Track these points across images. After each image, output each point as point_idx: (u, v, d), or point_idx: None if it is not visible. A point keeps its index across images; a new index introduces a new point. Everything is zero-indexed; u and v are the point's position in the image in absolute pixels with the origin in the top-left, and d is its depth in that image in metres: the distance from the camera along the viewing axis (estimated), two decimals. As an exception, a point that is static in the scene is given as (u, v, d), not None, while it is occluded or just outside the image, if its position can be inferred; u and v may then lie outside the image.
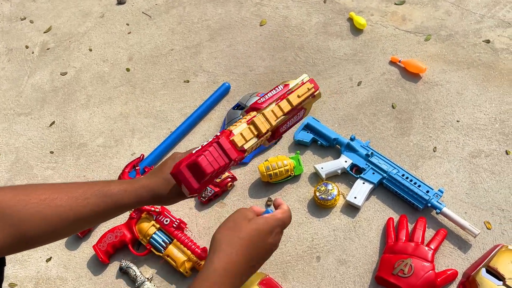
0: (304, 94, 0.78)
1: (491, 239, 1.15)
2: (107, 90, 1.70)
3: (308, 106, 0.83)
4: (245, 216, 0.66)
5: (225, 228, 0.65)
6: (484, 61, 1.49)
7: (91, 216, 0.70)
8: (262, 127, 0.74)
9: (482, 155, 1.29)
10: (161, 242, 1.23)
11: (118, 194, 0.71)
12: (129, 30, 1.90)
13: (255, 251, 0.64)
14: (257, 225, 0.65)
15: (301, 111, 0.82)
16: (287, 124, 0.80)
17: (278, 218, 0.67)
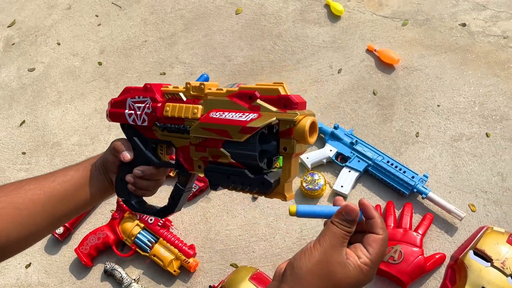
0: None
1: (476, 221, 1.17)
2: (79, 85, 1.63)
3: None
4: (341, 263, 0.50)
5: (313, 273, 0.49)
6: (461, 45, 1.50)
7: (61, 192, 0.68)
8: (192, 83, 0.61)
9: (464, 138, 1.31)
10: (147, 241, 1.20)
11: (78, 165, 0.71)
12: (99, 21, 1.82)
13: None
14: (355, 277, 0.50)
15: (250, 114, 0.55)
16: (221, 114, 0.57)
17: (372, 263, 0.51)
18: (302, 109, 0.54)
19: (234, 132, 0.54)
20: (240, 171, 0.56)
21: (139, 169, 0.66)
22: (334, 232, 0.50)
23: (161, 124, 0.63)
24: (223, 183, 0.58)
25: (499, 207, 1.18)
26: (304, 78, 1.51)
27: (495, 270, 1.03)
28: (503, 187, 1.21)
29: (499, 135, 1.30)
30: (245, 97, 0.56)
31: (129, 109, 0.66)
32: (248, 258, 1.19)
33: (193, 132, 0.59)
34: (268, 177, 0.54)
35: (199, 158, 0.60)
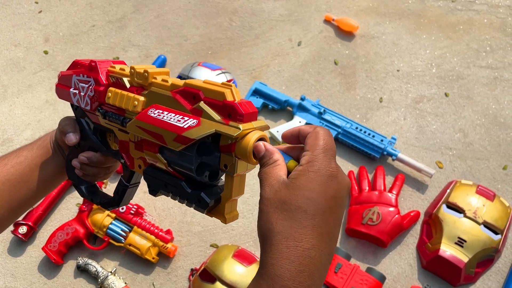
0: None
1: (444, 177, 1.21)
2: (25, 77, 1.52)
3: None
4: (281, 183, 0.41)
5: (273, 213, 0.41)
6: (413, 11, 1.54)
7: (16, 175, 0.63)
8: (138, 66, 0.53)
9: (425, 100, 1.35)
10: (120, 231, 1.14)
11: (31, 144, 0.67)
12: (40, 8, 1.70)
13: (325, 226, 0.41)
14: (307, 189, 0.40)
15: (189, 120, 0.46)
16: (160, 113, 0.49)
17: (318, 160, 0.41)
18: (249, 121, 0.44)
19: (169, 139, 0.46)
20: (177, 182, 0.48)
21: (85, 155, 0.60)
22: (261, 177, 0.43)
23: (103, 110, 0.56)
24: (161, 189, 0.50)
25: (464, 161, 1.23)
26: (265, 53, 1.49)
27: (468, 220, 1.07)
28: (466, 142, 1.26)
29: (457, 93, 1.35)
30: (189, 96, 0.47)
31: (74, 87, 0.59)
32: (228, 237, 1.17)
33: (129, 129, 0.51)
34: (204, 195, 0.46)
35: (138, 157, 0.53)
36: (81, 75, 0.58)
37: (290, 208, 0.39)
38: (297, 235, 0.38)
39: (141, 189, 1.25)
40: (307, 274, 0.38)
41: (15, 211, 0.65)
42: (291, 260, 0.38)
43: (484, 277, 1.08)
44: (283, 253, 0.38)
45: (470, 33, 1.47)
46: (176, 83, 0.49)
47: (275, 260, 0.38)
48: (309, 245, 0.39)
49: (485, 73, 1.38)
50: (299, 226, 0.39)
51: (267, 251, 0.39)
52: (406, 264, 1.11)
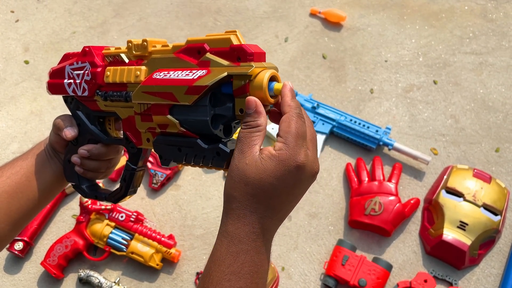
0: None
1: (440, 163, 1.23)
2: (7, 89, 1.47)
3: None
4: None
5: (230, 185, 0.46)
6: (395, 1, 1.56)
7: (13, 186, 0.61)
8: (134, 40, 0.52)
9: (414, 88, 1.37)
10: (121, 240, 1.12)
11: (25, 153, 0.65)
12: (16, 17, 1.65)
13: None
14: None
15: (198, 71, 0.46)
16: (166, 74, 0.48)
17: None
18: (259, 61, 0.44)
19: (179, 94, 0.45)
20: (192, 141, 0.47)
21: (85, 148, 0.59)
22: (239, 138, 0.45)
23: (102, 92, 0.55)
24: (174, 157, 0.49)
25: (457, 146, 1.25)
26: (252, 51, 1.49)
27: (468, 203, 1.09)
28: (458, 127, 1.29)
29: (445, 80, 1.37)
30: (194, 52, 0.47)
31: (68, 77, 0.58)
32: (231, 238, 1.16)
33: (135, 98, 0.50)
34: (223, 146, 0.45)
35: (146, 129, 0.52)
36: (74, 63, 0.57)
37: (254, 185, 0.44)
38: (253, 207, 0.44)
39: (138, 196, 1.23)
40: (259, 235, 0.45)
41: (16, 224, 0.63)
42: (245, 223, 0.44)
43: (487, 258, 1.10)
44: (239, 217, 0.45)
45: (453, 21, 1.49)
46: (177, 44, 0.49)
47: (233, 221, 0.45)
48: (261, 215, 0.45)
49: (471, 59, 1.41)
50: (257, 201, 0.44)
51: (228, 213, 0.45)
52: (410, 251, 1.12)
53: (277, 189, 0.44)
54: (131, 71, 0.51)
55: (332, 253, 1.09)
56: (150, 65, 0.51)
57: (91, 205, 1.13)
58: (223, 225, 0.46)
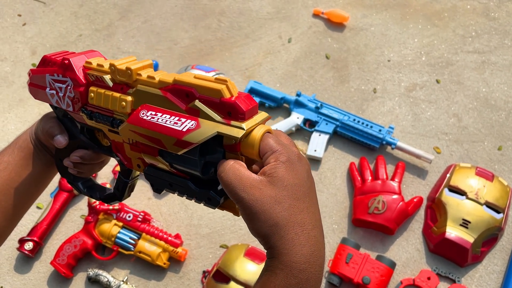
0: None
1: (443, 162, 1.24)
2: (15, 91, 1.49)
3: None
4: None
5: None
6: (398, 1, 1.57)
7: (2, 183, 0.60)
8: (119, 62, 0.49)
9: (417, 87, 1.38)
10: (129, 239, 1.14)
11: (9, 148, 0.63)
12: (23, 21, 1.67)
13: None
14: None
15: (187, 121, 0.43)
16: (153, 115, 0.45)
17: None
18: (251, 116, 0.43)
19: (168, 144, 0.43)
20: (183, 182, 0.46)
21: (77, 155, 0.57)
22: (228, 180, 0.42)
23: (88, 111, 0.52)
24: (166, 188, 0.48)
25: (460, 145, 1.26)
26: (256, 52, 1.50)
27: (471, 201, 1.10)
28: (460, 126, 1.30)
29: (448, 79, 1.38)
30: (182, 94, 0.44)
31: (50, 88, 0.54)
32: (237, 237, 1.18)
33: (122, 133, 0.48)
34: (214, 193, 0.45)
35: (136, 157, 0.50)
36: (55, 74, 0.53)
37: (284, 199, 0.41)
38: (299, 221, 0.41)
39: (145, 196, 1.25)
40: (317, 253, 0.41)
41: (12, 220, 0.64)
42: (302, 245, 0.40)
43: (490, 255, 1.11)
44: (294, 240, 0.40)
45: (455, 20, 1.50)
46: (164, 79, 0.46)
47: (288, 250, 0.40)
48: (310, 226, 0.41)
49: (473, 57, 1.42)
50: (297, 212, 0.41)
51: (277, 245, 0.41)
52: (413, 249, 1.13)
53: (301, 186, 0.42)
54: (116, 100, 0.49)
55: (336, 251, 1.11)
56: (136, 96, 0.48)
57: (99, 206, 1.16)
58: (275, 258, 0.41)
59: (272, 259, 0.41)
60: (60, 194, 1.23)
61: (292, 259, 0.40)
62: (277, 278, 0.40)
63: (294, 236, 0.40)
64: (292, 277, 0.40)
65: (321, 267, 0.42)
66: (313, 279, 0.41)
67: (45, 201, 1.25)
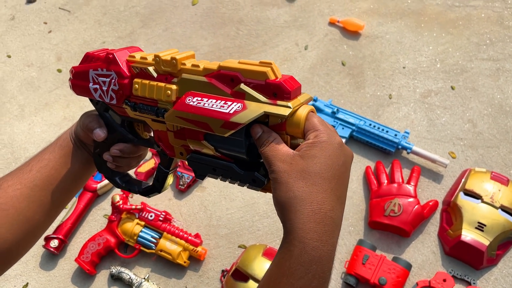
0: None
1: (458, 166, 1.26)
2: (41, 96, 1.55)
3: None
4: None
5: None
6: (413, 9, 1.60)
7: (43, 179, 0.62)
8: (163, 53, 0.51)
9: (432, 94, 1.40)
10: (150, 238, 1.18)
11: (51, 146, 0.65)
12: (49, 28, 1.74)
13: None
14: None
15: (233, 104, 0.45)
16: (199, 100, 0.47)
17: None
18: (296, 96, 0.44)
19: (215, 126, 0.45)
20: (228, 165, 0.48)
21: (117, 148, 0.60)
22: (267, 154, 0.45)
23: (132, 103, 0.54)
24: (209, 174, 0.50)
25: (475, 150, 1.28)
26: (273, 59, 1.54)
27: (486, 205, 1.12)
28: (475, 132, 1.31)
29: (463, 86, 1.40)
30: (227, 80, 0.46)
31: (93, 82, 0.56)
32: (255, 237, 1.21)
33: (168, 120, 0.49)
34: (259, 175, 0.47)
35: (180, 145, 0.52)
36: (99, 69, 0.55)
37: (310, 175, 0.42)
38: (319, 199, 0.42)
39: (166, 197, 1.29)
40: (330, 233, 0.42)
41: (50, 213, 0.66)
42: (317, 222, 0.42)
43: (505, 258, 1.12)
44: (309, 216, 0.42)
45: (470, 28, 1.53)
46: (208, 66, 0.47)
47: (303, 225, 0.41)
48: (330, 207, 0.42)
49: (487, 65, 1.44)
50: (320, 191, 0.42)
51: (292, 218, 0.42)
52: (429, 251, 1.15)
53: (332, 168, 0.43)
54: (161, 89, 0.50)
55: (353, 252, 1.13)
56: (180, 84, 0.49)
57: (122, 205, 1.20)
58: (290, 233, 0.43)
59: (287, 234, 0.43)
60: (84, 194, 1.28)
61: (305, 235, 0.41)
62: (292, 256, 0.42)
63: (311, 212, 0.42)
64: (305, 254, 0.41)
65: (333, 247, 0.43)
66: (325, 258, 0.42)
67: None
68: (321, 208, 0.42)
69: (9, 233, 0.60)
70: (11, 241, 0.61)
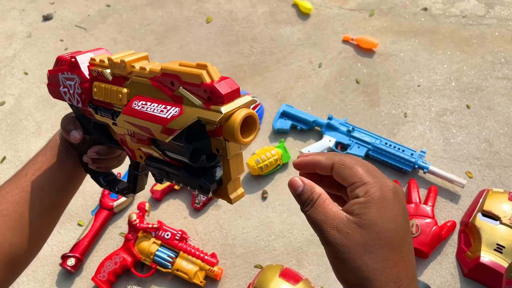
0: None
1: (475, 186, 1.25)
2: (58, 112, 1.57)
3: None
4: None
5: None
6: (426, 28, 1.60)
7: (39, 182, 0.64)
8: (118, 56, 0.51)
9: (448, 112, 1.40)
10: (167, 257, 1.18)
11: (43, 148, 0.67)
12: (65, 46, 1.76)
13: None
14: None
15: (171, 109, 0.45)
16: (143, 105, 0.47)
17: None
18: (231, 100, 0.42)
19: (156, 132, 0.45)
20: (177, 170, 0.48)
21: (93, 151, 0.61)
22: (314, 219, 0.40)
23: (94, 106, 0.55)
24: (165, 178, 0.51)
25: (492, 170, 1.27)
26: (287, 76, 1.55)
27: (505, 226, 1.11)
28: (492, 151, 1.31)
29: (478, 105, 1.40)
30: (167, 82, 0.46)
31: (63, 86, 0.57)
32: (271, 257, 1.21)
33: (119, 124, 0.51)
34: (204, 181, 0.46)
35: (137, 149, 0.53)
36: (65, 73, 0.56)
37: (376, 249, 0.36)
38: (394, 276, 0.36)
39: (182, 215, 1.29)
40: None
41: (55, 215, 0.68)
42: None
43: (525, 281, 1.11)
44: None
45: (484, 46, 1.53)
46: (154, 69, 0.47)
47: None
48: (407, 281, 0.37)
49: (503, 83, 1.44)
50: (392, 265, 0.36)
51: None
52: (447, 273, 1.14)
53: (397, 232, 0.38)
54: (114, 93, 0.51)
55: (370, 273, 1.12)
56: (131, 87, 0.50)
57: (139, 224, 1.20)
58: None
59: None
60: (101, 212, 1.28)
61: None
62: None
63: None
64: None
65: None
66: None
67: (86, 218, 1.30)
68: (399, 286, 0.37)
69: (14, 237, 0.62)
70: (18, 245, 0.62)
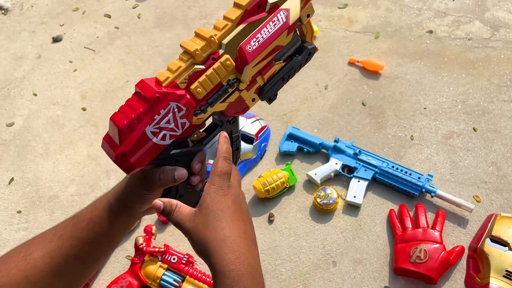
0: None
1: (483, 211, 1.25)
2: (66, 134, 1.58)
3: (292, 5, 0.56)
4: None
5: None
6: (432, 50, 1.61)
7: (71, 249, 0.62)
8: (190, 46, 0.53)
9: (454, 135, 1.40)
10: (173, 281, 1.17)
11: (87, 213, 0.65)
12: (74, 67, 1.79)
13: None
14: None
15: (279, 15, 0.55)
16: (257, 39, 0.54)
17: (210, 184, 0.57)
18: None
19: (283, 40, 0.56)
20: (289, 64, 0.62)
21: (197, 162, 0.61)
22: (176, 223, 0.56)
23: (201, 107, 0.56)
24: (283, 82, 0.64)
25: (500, 194, 1.27)
26: (293, 98, 1.56)
27: (514, 253, 1.10)
28: (499, 175, 1.30)
29: (485, 128, 1.40)
30: (255, 10, 0.54)
31: (155, 135, 0.54)
32: (277, 282, 1.20)
33: (248, 76, 0.57)
34: (307, 47, 0.62)
35: (252, 93, 0.60)
36: (155, 117, 0.52)
37: (210, 223, 0.53)
38: (221, 236, 0.53)
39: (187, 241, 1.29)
40: (242, 256, 0.53)
41: (94, 266, 0.68)
42: (225, 253, 0.52)
43: (536, 309, 1.09)
44: (218, 251, 0.52)
45: (490, 69, 1.53)
46: (233, 16, 0.54)
47: (215, 259, 0.52)
48: (232, 238, 0.53)
49: (509, 106, 1.44)
50: (219, 230, 0.53)
51: (209, 259, 0.53)
52: (456, 300, 1.13)
53: (223, 210, 0.55)
54: (219, 69, 0.54)
55: (378, 299, 1.11)
56: (228, 50, 0.54)
57: (146, 247, 1.20)
58: (212, 272, 0.53)
59: (212, 272, 0.53)
60: (108, 235, 1.28)
61: (220, 263, 0.52)
62: (216, 285, 0.52)
63: (218, 248, 0.52)
64: (224, 277, 0.51)
65: (250, 266, 0.53)
66: (245, 276, 0.52)
67: (93, 241, 1.30)
68: (225, 242, 0.53)
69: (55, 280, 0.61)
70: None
